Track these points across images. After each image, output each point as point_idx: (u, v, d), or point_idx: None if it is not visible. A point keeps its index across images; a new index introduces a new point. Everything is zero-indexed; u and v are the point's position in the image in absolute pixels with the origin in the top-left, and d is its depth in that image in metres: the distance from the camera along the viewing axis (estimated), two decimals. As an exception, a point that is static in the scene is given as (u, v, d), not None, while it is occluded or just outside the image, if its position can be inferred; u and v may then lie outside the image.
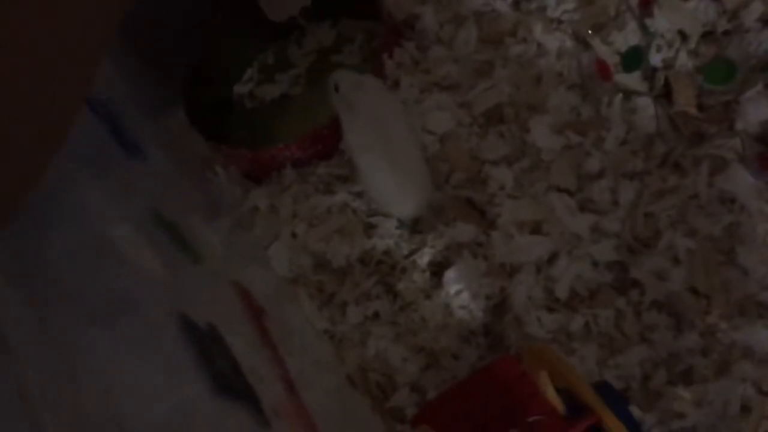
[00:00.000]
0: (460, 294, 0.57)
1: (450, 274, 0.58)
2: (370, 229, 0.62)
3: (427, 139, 0.63)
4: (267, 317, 0.51)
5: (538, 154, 0.61)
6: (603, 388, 0.43)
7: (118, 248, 0.38)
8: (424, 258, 0.59)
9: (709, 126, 0.59)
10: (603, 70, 0.63)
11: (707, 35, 0.63)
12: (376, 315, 0.59)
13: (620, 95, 0.60)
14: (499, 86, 0.64)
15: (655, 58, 0.63)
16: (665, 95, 0.62)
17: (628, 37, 0.64)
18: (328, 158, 0.66)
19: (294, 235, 0.63)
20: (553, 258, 0.56)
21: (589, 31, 0.64)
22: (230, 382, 0.37)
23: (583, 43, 0.65)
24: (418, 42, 0.70)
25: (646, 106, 0.59)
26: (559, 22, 0.67)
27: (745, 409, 0.48)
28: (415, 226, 0.61)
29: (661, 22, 0.63)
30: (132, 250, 0.38)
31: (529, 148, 0.61)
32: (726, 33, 0.62)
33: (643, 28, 0.64)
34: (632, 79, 0.63)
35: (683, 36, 0.63)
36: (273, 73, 0.80)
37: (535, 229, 0.57)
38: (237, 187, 0.69)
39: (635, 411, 0.49)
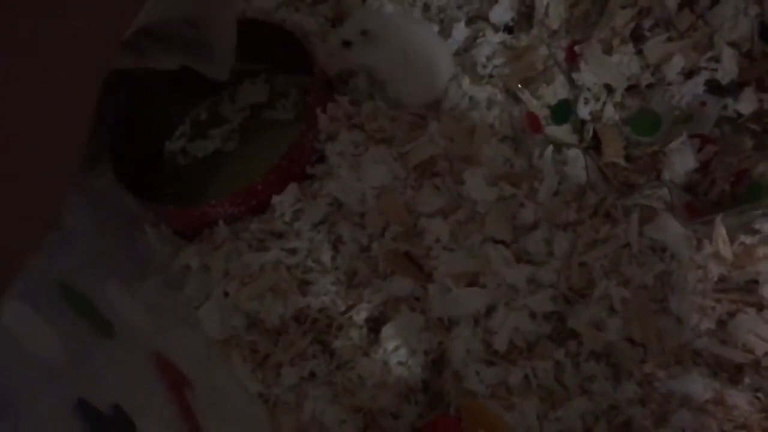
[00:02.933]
0: (398, 350, 0.56)
1: (388, 330, 0.56)
2: (305, 285, 0.60)
3: (366, 192, 0.62)
4: (190, 388, 0.48)
5: (473, 206, 0.61)
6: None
7: (9, 334, 0.34)
8: (361, 314, 0.58)
9: (637, 176, 0.61)
10: (533, 122, 0.64)
11: (632, 88, 0.65)
12: (312, 375, 0.57)
13: (551, 147, 0.60)
14: (434, 139, 0.64)
15: (584, 111, 0.65)
16: (594, 147, 0.64)
17: (556, 90, 0.65)
18: (262, 213, 0.65)
19: (226, 294, 0.61)
20: (490, 310, 0.55)
21: (519, 85, 0.65)
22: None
23: (513, 96, 0.66)
24: (352, 97, 0.69)
25: (576, 157, 0.60)
26: (490, 76, 0.68)
27: (686, 458, 0.48)
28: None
29: (588, 76, 0.64)
30: (25, 334, 0.35)
31: (464, 201, 0.61)
32: (650, 86, 0.64)
33: (571, 82, 0.65)
34: (562, 132, 0.65)
35: (609, 89, 0.65)
36: (206, 128, 0.79)
37: (472, 281, 0.56)
38: (167, 245, 0.67)
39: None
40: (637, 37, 0.64)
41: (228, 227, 0.64)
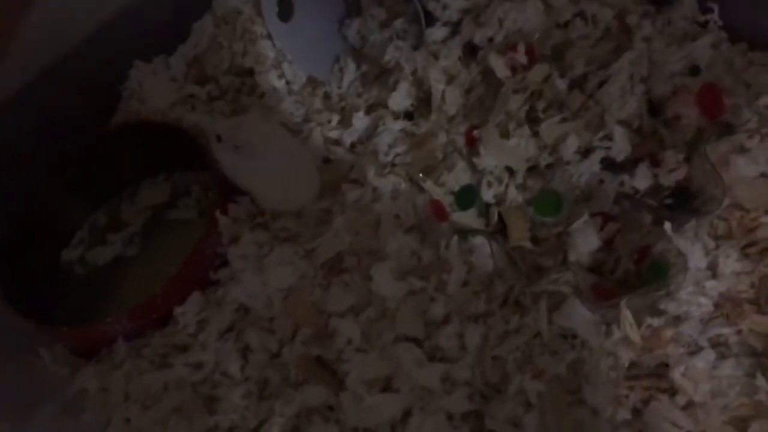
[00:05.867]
0: (314, 465, 0.53)
1: (302, 444, 0.54)
2: (212, 402, 0.57)
3: (272, 296, 0.60)
4: None
5: (383, 303, 0.59)
6: None
7: None
8: (273, 429, 0.55)
9: (544, 259, 0.60)
10: (438, 210, 0.64)
11: (532, 169, 0.65)
12: (226, 500, 0.54)
13: (455, 237, 0.60)
14: (339, 234, 0.63)
15: (487, 195, 0.65)
16: (501, 230, 0.63)
17: (458, 176, 0.65)
18: (164, 326, 0.62)
19: (128, 420, 0.57)
20: (406, 416, 0.53)
21: (420, 174, 0.65)
22: None
23: (416, 185, 0.65)
24: (254, 195, 0.68)
25: (482, 245, 0.60)
26: (393, 165, 0.68)
27: None
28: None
29: (488, 160, 0.65)
30: None
31: (373, 297, 0.60)
32: (549, 166, 0.64)
33: (472, 167, 0.65)
34: (468, 217, 0.64)
35: (510, 172, 0.65)
36: (105, 233, 0.75)
37: (386, 385, 0.54)
38: (64, 367, 0.63)
39: None
40: (532, 119, 0.65)
41: (128, 344, 0.61)
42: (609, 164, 0.63)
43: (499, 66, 0.66)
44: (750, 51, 0.62)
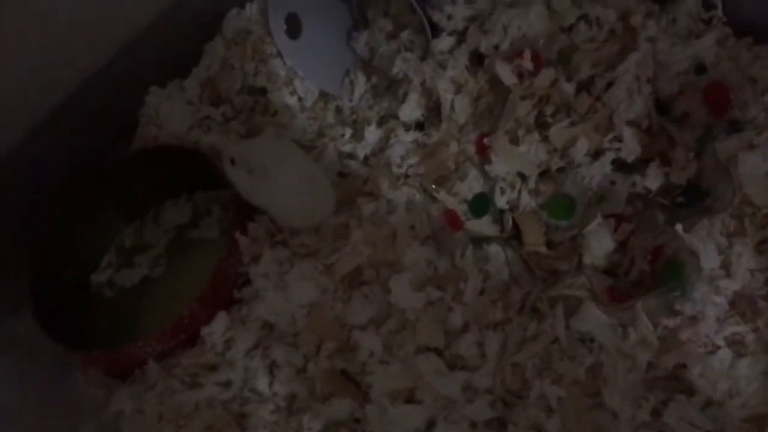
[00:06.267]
0: (344, 477, 0.54)
1: (332, 457, 0.55)
2: (243, 419, 0.59)
3: (295, 312, 0.62)
4: None
5: (403, 314, 0.60)
6: None
7: None
8: (303, 443, 0.56)
9: (560, 262, 0.61)
10: (453, 220, 0.65)
11: (544, 174, 0.66)
12: None
13: (470, 246, 0.61)
14: (357, 248, 0.64)
15: (501, 201, 0.65)
16: (515, 236, 0.64)
17: (471, 185, 0.66)
18: (192, 346, 0.63)
19: (163, 440, 0.59)
20: (430, 426, 0.54)
21: (433, 186, 0.66)
22: None
23: (430, 195, 0.67)
24: (273, 213, 0.69)
25: (497, 253, 0.61)
26: (406, 176, 0.69)
27: None
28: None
29: (500, 166, 0.65)
30: None
31: (393, 309, 0.61)
32: (560, 170, 0.65)
33: (484, 175, 0.66)
34: (483, 225, 0.65)
35: (522, 177, 0.66)
36: (131, 255, 0.78)
37: (409, 396, 0.56)
38: (99, 389, 0.65)
39: None
40: (541, 125, 0.65)
41: (159, 364, 0.63)
42: (620, 165, 0.63)
43: (505, 73, 0.66)
44: (756, 45, 0.63)
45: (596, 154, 0.64)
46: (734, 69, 0.61)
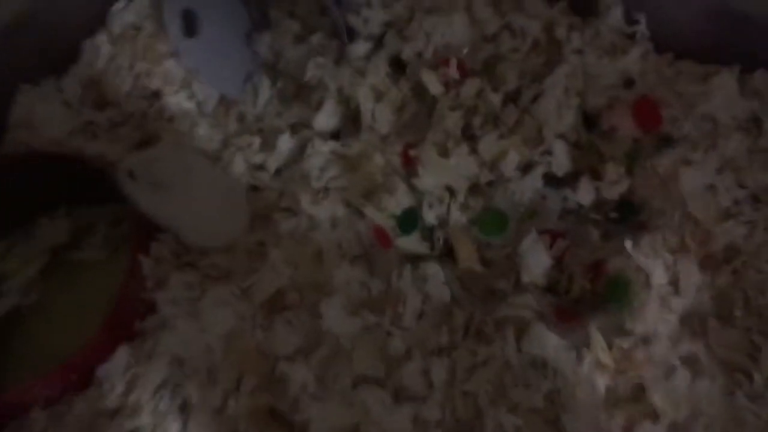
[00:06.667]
0: None
1: None
2: (155, 470, 0.51)
3: (210, 343, 0.54)
4: None
5: (337, 341, 0.55)
6: None
7: None
8: (227, 495, 0.49)
9: (497, 281, 0.59)
10: (382, 236, 0.60)
11: (474, 188, 0.63)
12: None
13: (409, 266, 0.56)
14: (277, 268, 0.58)
15: (430, 216, 0.62)
16: (447, 254, 0.61)
17: (400, 199, 0.62)
18: (86, 388, 0.54)
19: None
20: (379, 467, 0.49)
21: (361, 199, 0.61)
22: None
23: (354, 210, 0.62)
24: (176, 230, 0.61)
25: (436, 273, 0.57)
26: (326, 189, 0.64)
27: None
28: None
29: (428, 180, 0.62)
30: None
31: (324, 336, 0.55)
32: (490, 183, 0.62)
33: (411, 188, 0.62)
34: (412, 242, 0.61)
35: (451, 191, 0.63)
36: (-2, 281, 0.66)
37: (353, 435, 0.50)
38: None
39: None
40: (469, 137, 0.63)
41: (45, 412, 0.53)
42: (551, 179, 0.62)
43: (432, 82, 0.63)
44: (677, 60, 0.63)
45: (526, 168, 0.62)
46: (660, 84, 0.61)
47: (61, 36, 0.70)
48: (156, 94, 0.69)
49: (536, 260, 0.57)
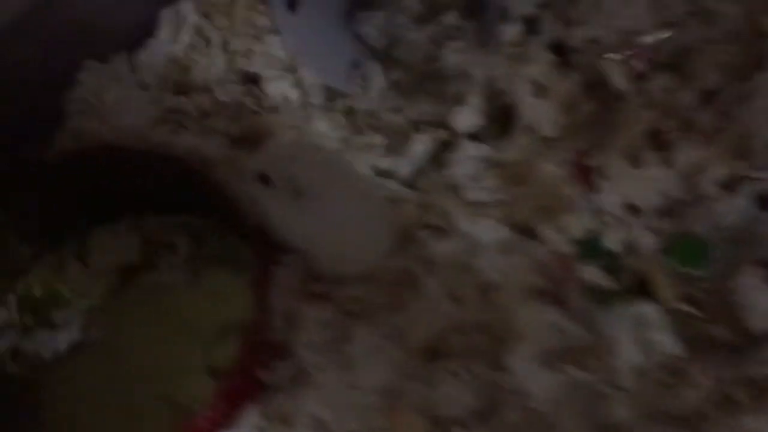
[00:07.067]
0: None
1: None
2: None
3: (367, 404, 0.41)
4: None
5: (524, 401, 0.42)
6: None
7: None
8: None
9: (713, 327, 0.46)
10: (565, 267, 0.48)
11: (664, 208, 0.51)
12: None
13: (630, 307, 0.44)
14: (436, 304, 0.45)
15: (613, 242, 0.49)
16: (639, 289, 0.49)
17: (582, 220, 0.49)
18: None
19: None
20: None
21: (535, 218, 0.49)
22: None
23: (526, 232, 0.49)
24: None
25: (648, 313, 0.45)
26: (482, 204, 0.51)
27: None
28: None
29: (611, 195, 0.50)
30: None
31: (507, 394, 0.42)
32: (684, 203, 0.50)
33: (593, 206, 0.50)
34: (594, 273, 0.49)
35: (635, 210, 0.50)
36: (45, 309, 0.52)
37: None
38: None
39: None
40: (658, 144, 0.51)
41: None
42: (763, 200, 0.50)
43: (617, 75, 0.51)
44: None
45: (731, 185, 0.51)
46: None
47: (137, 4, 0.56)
48: (253, 79, 0.56)
49: (763, 301, 0.46)
